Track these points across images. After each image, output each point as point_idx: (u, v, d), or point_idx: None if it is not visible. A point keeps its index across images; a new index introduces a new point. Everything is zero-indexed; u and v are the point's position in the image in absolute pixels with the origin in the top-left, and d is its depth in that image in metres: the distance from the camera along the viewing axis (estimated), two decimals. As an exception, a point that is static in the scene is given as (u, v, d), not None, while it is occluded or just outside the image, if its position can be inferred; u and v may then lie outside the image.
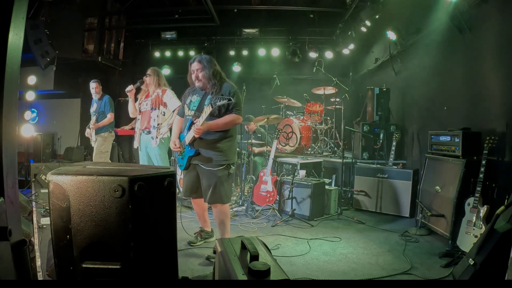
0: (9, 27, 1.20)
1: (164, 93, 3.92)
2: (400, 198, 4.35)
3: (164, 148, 3.99)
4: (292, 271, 2.69)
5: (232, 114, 2.81)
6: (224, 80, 2.95)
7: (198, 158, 2.87)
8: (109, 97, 5.30)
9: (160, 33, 7.83)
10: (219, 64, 2.99)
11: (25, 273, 1.26)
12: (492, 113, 3.36)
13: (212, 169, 2.83)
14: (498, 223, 2.14)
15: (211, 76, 2.85)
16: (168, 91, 3.94)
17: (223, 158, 2.84)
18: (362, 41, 6.77)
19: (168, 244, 1.65)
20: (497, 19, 3.29)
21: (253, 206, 4.53)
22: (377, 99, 5.28)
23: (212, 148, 2.83)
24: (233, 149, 2.97)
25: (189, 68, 2.95)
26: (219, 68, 2.96)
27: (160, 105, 3.92)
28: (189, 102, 2.99)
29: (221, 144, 2.85)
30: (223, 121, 2.80)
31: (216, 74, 2.88)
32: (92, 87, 5.24)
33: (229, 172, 2.91)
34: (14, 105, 1.29)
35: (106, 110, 5.17)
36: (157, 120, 3.90)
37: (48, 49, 5.21)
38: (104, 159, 5.17)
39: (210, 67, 2.86)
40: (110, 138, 5.31)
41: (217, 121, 2.79)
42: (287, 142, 5.95)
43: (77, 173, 1.46)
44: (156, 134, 3.89)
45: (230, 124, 2.85)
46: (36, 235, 2.98)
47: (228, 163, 2.88)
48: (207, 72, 2.84)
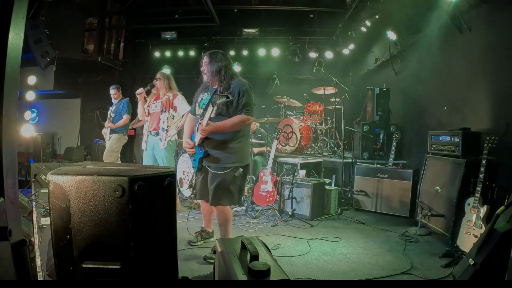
0: (9, 27, 1.20)
1: (175, 97, 4.01)
2: (400, 198, 4.35)
3: (171, 150, 4.06)
4: (292, 271, 2.69)
5: (241, 114, 2.71)
6: (235, 77, 2.85)
7: (207, 159, 2.79)
8: (127, 100, 5.59)
9: (160, 33, 7.84)
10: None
11: (25, 273, 1.26)
12: (492, 113, 3.37)
13: (218, 171, 2.75)
14: (498, 223, 2.13)
15: (215, 72, 2.78)
16: (179, 96, 4.03)
17: (231, 160, 2.75)
18: (362, 41, 6.77)
19: (168, 244, 1.64)
20: (497, 19, 3.29)
21: (253, 206, 4.53)
22: (377, 99, 5.28)
23: (222, 149, 2.75)
24: (244, 151, 2.85)
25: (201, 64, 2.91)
26: (229, 65, 2.85)
27: (170, 108, 3.99)
28: (199, 100, 2.93)
29: (231, 145, 2.75)
30: (230, 122, 2.71)
31: (222, 70, 2.78)
32: (112, 93, 5.58)
33: (235, 175, 2.76)
34: (14, 105, 1.29)
35: (123, 112, 5.47)
36: (166, 122, 3.96)
37: (48, 49, 5.22)
38: (114, 158, 5.41)
39: (216, 62, 2.79)
40: (123, 140, 5.57)
41: (224, 122, 2.71)
42: (287, 142, 5.95)
43: (77, 173, 1.46)
44: (164, 136, 3.96)
45: (239, 125, 2.73)
46: (36, 235, 2.98)
47: (236, 165, 2.76)
48: (212, 67, 2.79)
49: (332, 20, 7.18)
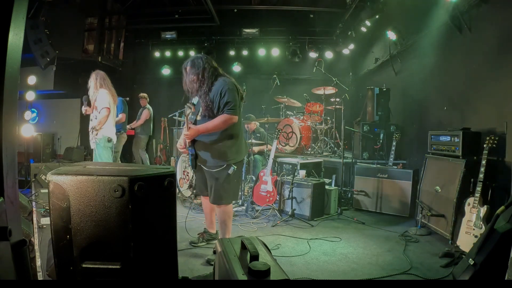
0: (9, 27, 1.20)
1: (97, 96, 4.03)
2: (400, 198, 4.35)
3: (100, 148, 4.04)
4: (292, 271, 2.69)
5: (223, 114, 2.70)
6: (219, 77, 2.80)
7: (199, 160, 2.87)
8: (122, 99, 5.64)
9: (160, 33, 7.84)
10: (219, 64, 2.90)
11: (25, 273, 1.26)
12: (492, 113, 3.36)
13: (211, 170, 2.81)
14: (498, 223, 2.14)
15: (195, 79, 2.75)
16: (99, 93, 4.02)
17: (221, 159, 2.78)
18: (362, 41, 6.77)
19: (168, 244, 1.64)
20: (497, 19, 3.29)
21: (253, 206, 4.53)
22: (377, 99, 5.28)
23: (209, 150, 2.80)
24: (234, 149, 2.86)
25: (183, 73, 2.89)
26: (209, 65, 2.78)
27: (93, 108, 4.06)
28: (191, 102, 2.99)
29: (218, 145, 2.79)
30: (212, 123, 2.71)
31: (200, 75, 2.74)
32: None
33: (228, 173, 2.80)
34: (14, 105, 1.29)
35: (118, 111, 5.42)
36: (92, 122, 4.04)
37: (48, 49, 5.22)
38: (115, 158, 5.38)
39: (194, 69, 2.76)
40: (122, 139, 5.62)
41: (206, 124, 2.73)
42: (287, 142, 5.95)
43: (77, 173, 1.46)
44: (92, 136, 4.02)
45: (221, 126, 2.71)
46: (36, 235, 2.98)
47: (228, 163, 2.80)
48: (190, 76, 2.77)
49: (332, 20, 7.19)
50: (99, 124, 3.93)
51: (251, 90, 5.53)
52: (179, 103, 5.85)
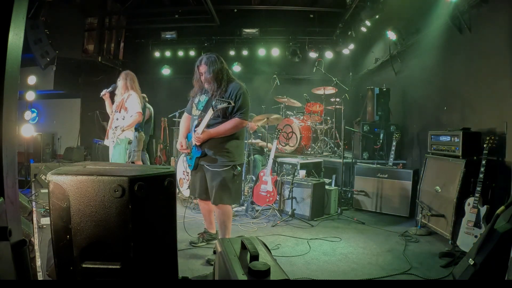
0: (9, 27, 1.20)
1: (129, 98, 4.01)
2: (400, 198, 4.35)
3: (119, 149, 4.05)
4: (292, 271, 2.69)
5: (234, 118, 2.76)
6: (232, 80, 2.87)
7: (205, 159, 2.84)
8: None
9: (160, 33, 7.84)
10: None
11: (25, 273, 1.26)
12: (492, 113, 3.36)
13: (217, 169, 2.80)
14: (498, 223, 2.14)
15: (213, 76, 2.78)
16: (132, 96, 4.01)
17: (229, 159, 2.81)
18: (362, 41, 6.77)
19: (168, 244, 1.64)
20: (497, 19, 3.29)
21: (253, 206, 4.53)
22: (377, 99, 5.28)
23: (218, 149, 2.80)
24: (239, 150, 2.92)
25: (196, 70, 2.90)
26: (225, 67, 2.88)
27: (121, 109, 4.03)
28: (197, 102, 2.95)
29: (227, 145, 2.81)
30: (224, 127, 2.75)
31: (220, 73, 2.80)
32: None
33: (234, 174, 2.83)
34: (14, 105, 1.29)
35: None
36: (116, 122, 4.04)
37: (48, 49, 5.22)
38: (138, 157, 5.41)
39: (213, 66, 2.78)
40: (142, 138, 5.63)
41: (218, 129, 2.75)
42: (287, 142, 5.95)
43: (77, 173, 1.46)
44: (112, 135, 4.03)
45: (232, 130, 2.78)
46: (36, 235, 2.98)
47: (234, 164, 2.83)
48: (210, 72, 2.79)
49: (332, 20, 7.18)
50: (129, 126, 3.98)
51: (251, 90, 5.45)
52: (179, 103, 5.85)
